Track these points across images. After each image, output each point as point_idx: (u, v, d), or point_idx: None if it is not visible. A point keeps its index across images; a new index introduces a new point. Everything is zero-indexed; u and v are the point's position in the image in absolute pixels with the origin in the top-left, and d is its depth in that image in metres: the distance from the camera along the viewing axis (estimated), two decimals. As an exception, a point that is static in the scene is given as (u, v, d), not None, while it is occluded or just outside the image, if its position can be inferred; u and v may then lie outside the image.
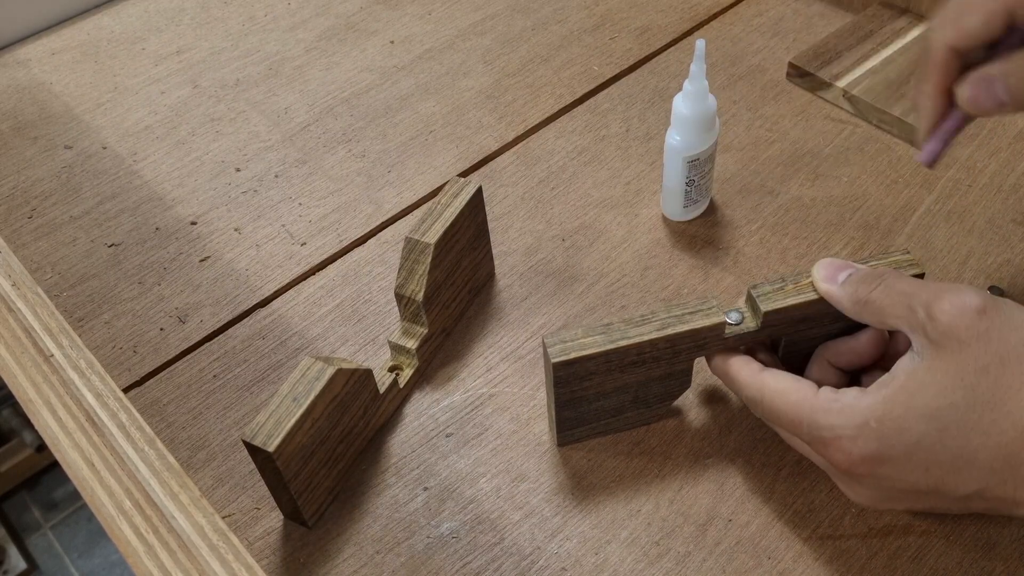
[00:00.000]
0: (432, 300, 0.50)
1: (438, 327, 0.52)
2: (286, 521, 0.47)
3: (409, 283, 0.49)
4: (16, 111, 0.73)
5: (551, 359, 0.43)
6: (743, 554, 0.44)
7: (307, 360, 0.44)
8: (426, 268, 0.49)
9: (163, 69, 0.76)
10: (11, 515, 1.59)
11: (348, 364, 0.45)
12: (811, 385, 0.42)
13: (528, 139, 0.67)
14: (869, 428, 0.38)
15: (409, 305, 0.50)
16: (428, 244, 0.49)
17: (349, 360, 0.47)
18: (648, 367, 0.45)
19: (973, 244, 0.57)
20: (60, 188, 0.66)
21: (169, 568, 0.33)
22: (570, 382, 0.44)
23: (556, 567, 0.44)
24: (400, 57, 0.75)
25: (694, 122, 0.54)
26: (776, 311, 0.44)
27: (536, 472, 0.48)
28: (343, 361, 0.45)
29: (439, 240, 0.49)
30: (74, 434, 0.37)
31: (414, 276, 0.49)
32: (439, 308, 0.52)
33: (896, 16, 0.71)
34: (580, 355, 0.43)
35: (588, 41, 0.75)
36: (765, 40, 0.73)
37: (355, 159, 0.67)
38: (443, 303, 0.52)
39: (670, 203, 0.59)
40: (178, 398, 0.53)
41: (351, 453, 0.48)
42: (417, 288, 0.49)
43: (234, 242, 0.61)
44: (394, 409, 0.51)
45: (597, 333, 0.44)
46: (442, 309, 0.52)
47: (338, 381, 0.44)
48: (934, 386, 0.38)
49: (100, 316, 0.57)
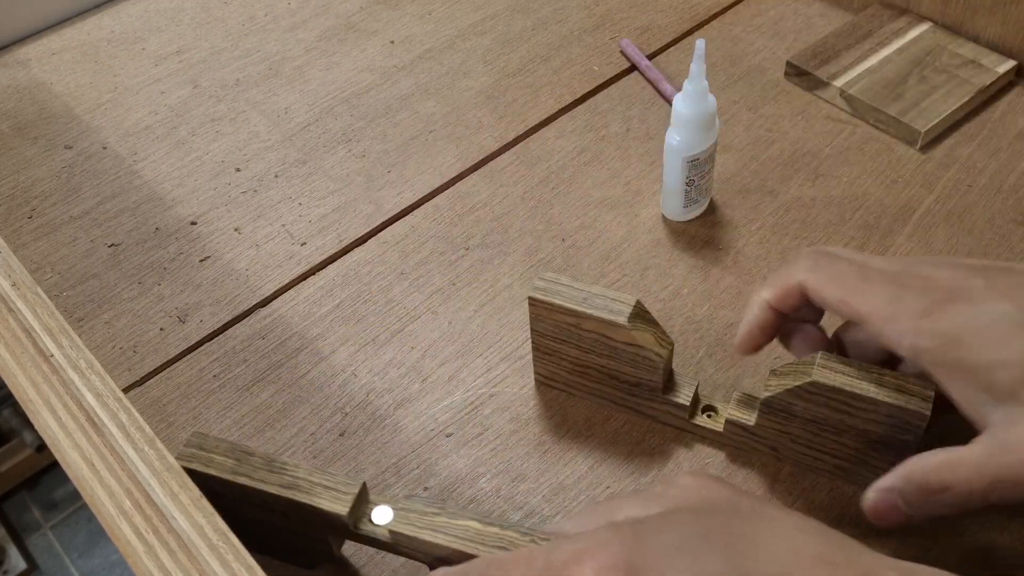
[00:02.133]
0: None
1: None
2: (286, 521, 0.47)
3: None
4: (16, 111, 0.73)
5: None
6: (743, 554, 0.44)
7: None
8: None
9: (163, 69, 0.76)
10: (11, 515, 1.59)
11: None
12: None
13: (528, 139, 0.67)
14: (620, 534, 0.34)
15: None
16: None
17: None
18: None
19: (973, 244, 0.57)
20: (60, 188, 0.66)
21: (169, 568, 0.33)
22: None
23: (556, 567, 0.44)
24: (400, 57, 0.75)
25: (694, 122, 0.54)
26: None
27: (536, 472, 0.48)
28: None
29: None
30: (74, 434, 0.37)
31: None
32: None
33: (896, 16, 0.71)
34: (204, 471, 0.41)
35: (588, 41, 0.75)
36: (765, 40, 0.73)
37: (355, 159, 0.67)
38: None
39: (670, 203, 0.59)
40: (178, 398, 0.53)
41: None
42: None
43: (234, 242, 0.61)
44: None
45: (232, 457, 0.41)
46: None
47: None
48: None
49: (100, 316, 0.57)
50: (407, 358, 0.54)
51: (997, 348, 0.37)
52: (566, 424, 0.50)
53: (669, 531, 0.33)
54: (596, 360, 0.47)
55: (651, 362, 0.46)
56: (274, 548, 0.45)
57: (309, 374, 0.54)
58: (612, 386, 0.49)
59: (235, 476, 0.40)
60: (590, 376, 0.49)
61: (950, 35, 0.69)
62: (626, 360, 0.46)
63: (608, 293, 0.45)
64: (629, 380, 0.47)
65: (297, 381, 0.53)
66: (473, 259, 0.59)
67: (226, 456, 0.41)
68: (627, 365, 0.47)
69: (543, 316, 0.46)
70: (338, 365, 0.54)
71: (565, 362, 0.49)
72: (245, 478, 0.40)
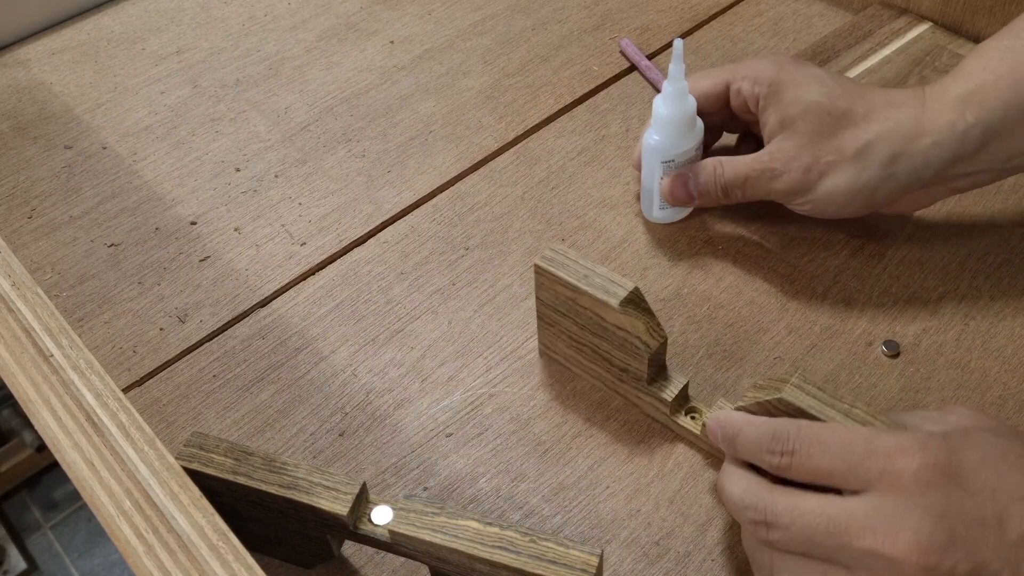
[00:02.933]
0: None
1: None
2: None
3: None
4: (16, 111, 0.73)
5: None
6: (743, 554, 0.44)
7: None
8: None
9: (163, 69, 0.76)
10: (11, 515, 1.59)
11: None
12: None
13: (528, 139, 0.67)
14: (936, 439, 0.37)
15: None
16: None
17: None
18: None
19: (973, 244, 0.57)
20: (60, 188, 0.66)
21: (169, 568, 0.33)
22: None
23: (556, 567, 0.44)
24: (400, 57, 0.75)
25: (673, 123, 0.54)
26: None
27: (536, 472, 0.48)
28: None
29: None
30: (74, 434, 0.37)
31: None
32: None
33: (895, 16, 0.71)
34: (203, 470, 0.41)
35: (588, 41, 0.75)
36: (765, 40, 0.73)
37: (355, 159, 0.67)
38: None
39: (646, 203, 0.59)
40: (178, 398, 0.53)
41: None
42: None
43: (234, 242, 0.61)
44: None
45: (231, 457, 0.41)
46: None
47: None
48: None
49: (100, 316, 0.57)
50: (407, 358, 0.54)
51: (796, 91, 0.52)
52: (566, 424, 0.50)
53: (974, 448, 0.37)
54: (590, 339, 0.48)
55: (637, 349, 0.46)
56: (274, 548, 0.45)
57: (309, 374, 0.54)
58: (604, 367, 0.49)
59: (235, 476, 0.41)
60: (584, 353, 0.50)
61: (950, 35, 0.69)
62: (616, 343, 0.47)
63: (610, 275, 0.46)
64: (618, 364, 0.48)
65: (297, 381, 0.53)
66: (473, 259, 0.59)
67: (226, 456, 0.41)
68: (617, 349, 0.47)
69: (546, 286, 0.47)
70: (338, 365, 0.54)
71: (564, 335, 0.50)
72: (245, 478, 0.40)
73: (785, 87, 0.52)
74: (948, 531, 0.35)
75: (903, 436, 0.37)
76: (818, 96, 0.51)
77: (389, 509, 0.40)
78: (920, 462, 0.36)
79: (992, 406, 0.49)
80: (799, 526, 0.37)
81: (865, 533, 0.35)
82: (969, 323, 0.53)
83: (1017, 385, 0.50)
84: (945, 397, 0.50)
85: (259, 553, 0.46)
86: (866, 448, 0.37)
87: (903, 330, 0.53)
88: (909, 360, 0.52)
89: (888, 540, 0.35)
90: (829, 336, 0.53)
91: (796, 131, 0.52)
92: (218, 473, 0.41)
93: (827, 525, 0.36)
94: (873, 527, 0.35)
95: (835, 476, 0.37)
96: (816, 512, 0.37)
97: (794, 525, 0.37)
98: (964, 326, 0.53)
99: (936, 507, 0.35)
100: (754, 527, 0.39)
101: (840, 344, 0.53)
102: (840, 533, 0.36)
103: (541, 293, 0.49)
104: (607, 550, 0.45)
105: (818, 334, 0.53)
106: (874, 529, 0.35)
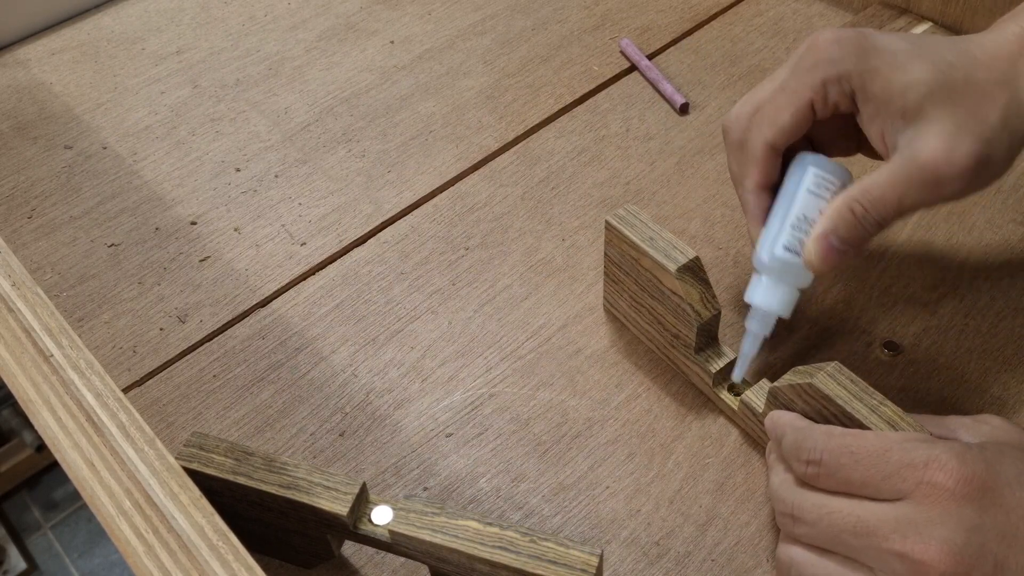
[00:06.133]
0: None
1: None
2: (286, 521, 0.47)
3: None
4: (16, 111, 0.73)
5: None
6: (743, 554, 0.44)
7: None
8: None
9: (163, 69, 0.76)
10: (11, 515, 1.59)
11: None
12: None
13: (528, 139, 0.67)
14: (973, 452, 0.36)
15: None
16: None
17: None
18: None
19: (973, 244, 0.57)
20: (60, 188, 0.66)
21: (169, 568, 0.33)
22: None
23: (556, 567, 0.44)
24: (400, 57, 0.75)
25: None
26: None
27: (536, 472, 0.48)
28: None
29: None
30: (74, 434, 0.37)
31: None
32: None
33: (895, 16, 0.71)
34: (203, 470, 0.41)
35: (588, 41, 0.75)
36: (765, 40, 0.73)
37: (355, 159, 0.67)
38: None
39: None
40: (178, 398, 0.53)
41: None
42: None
43: (234, 242, 0.61)
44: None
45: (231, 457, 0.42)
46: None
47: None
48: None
49: (100, 316, 0.57)
50: (407, 358, 0.54)
51: (902, 74, 0.42)
52: (566, 424, 0.50)
53: (1008, 464, 0.36)
54: (648, 300, 0.50)
55: (688, 317, 0.47)
56: (274, 548, 0.45)
57: (309, 374, 0.54)
58: (658, 331, 0.51)
59: (235, 476, 0.40)
60: (642, 315, 0.51)
61: (950, 35, 0.69)
62: (671, 308, 0.48)
63: (675, 241, 0.47)
64: (671, 330, 0.49)
65: (297, 381, 0.53)
66: (473, 259, 0.59)
67: (226, 456, 0.41)
68: (671, 314, 0.48)
69: (614, 243, 0.49)
70: (338, 365, 0.54)
71: (626, 294, 0.52)
72: (245, 478, 0.40)
73: (881, 74, 0.43)
74: (979, 544, 0.34)
75: (939, 448, 0.36)
76: (930, 72, 0.43)
77: (389, 509, 0.40)
78: (958, 476, 0.35)
79: (992, 406, 0.49)
80: (826, 523, 0.38)
81: (894, 536, 0.35)
82: (969, 323, 0.53)
83: (1017, 385, 0.50)
84: (945, 397, 0.50)
85: (259, 553, 0.46)
86: (901, 459, 0.36)
87: (903, 330, 0.53)
88: (909, 360, 0.52)
89: (919, 546, 0.35)
90: (829, 336, 0.53)
91: (930, 119, 0.42)
92: (218, 473, 0.41)
93: (855, 525, 0.37)
94: (904, 532, 0.35)
95: (868, 487, 0.37)
96: (845, 512, 0.37)
97: (821, 522, 0.38)
98: (964, 326, 0.53)
99: (970, 520, 0.35)
100: (781, 519, 0.40)
101: (840, 344, 0.53)
102: (868, 534, 0.36)
103: (609, 250, 0.50)
104: (607, 550, 0.45)
105: (818, 334, 0.53)
106: (904, 534, 0.35)
